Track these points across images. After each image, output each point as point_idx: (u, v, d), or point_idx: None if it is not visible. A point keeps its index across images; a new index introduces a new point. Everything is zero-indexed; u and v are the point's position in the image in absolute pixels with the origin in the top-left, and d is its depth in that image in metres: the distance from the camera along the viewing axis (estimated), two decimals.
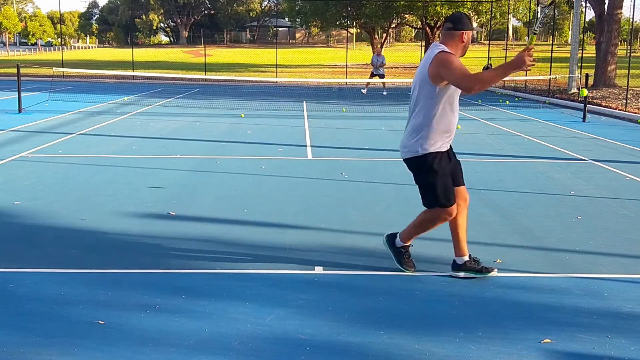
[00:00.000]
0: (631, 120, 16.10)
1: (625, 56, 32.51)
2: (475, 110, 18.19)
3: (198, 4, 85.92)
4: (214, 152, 10.01)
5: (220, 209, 6.42)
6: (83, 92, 22.81)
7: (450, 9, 37.12)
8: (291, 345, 3.49)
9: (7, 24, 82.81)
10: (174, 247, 5.16)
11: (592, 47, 31.55)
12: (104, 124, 13.45)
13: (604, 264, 4.92)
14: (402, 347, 3.48)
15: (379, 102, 20.48)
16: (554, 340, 3.59)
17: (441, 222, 4.49)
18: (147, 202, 6.61)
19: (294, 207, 6.51)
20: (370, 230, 5.72)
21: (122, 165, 8.68)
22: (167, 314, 3.86)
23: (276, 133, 12.40)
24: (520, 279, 4.54)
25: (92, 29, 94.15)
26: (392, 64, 45.55)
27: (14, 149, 9.86)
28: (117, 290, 4.22)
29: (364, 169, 8.69)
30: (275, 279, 4.47)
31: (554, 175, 8.44)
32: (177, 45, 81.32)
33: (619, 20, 23.55)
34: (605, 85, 23.20)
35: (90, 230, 5.61)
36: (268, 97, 22.31)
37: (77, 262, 4.76)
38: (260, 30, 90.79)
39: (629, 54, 26.17)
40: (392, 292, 4.27)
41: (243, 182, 7.72)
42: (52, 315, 3.81)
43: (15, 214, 6.14)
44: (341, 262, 4.83)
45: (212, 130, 12.72)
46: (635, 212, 6.54)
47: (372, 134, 12.37)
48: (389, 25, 44.89)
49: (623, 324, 3.82)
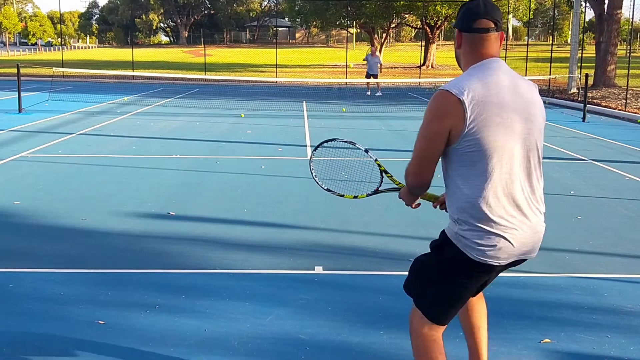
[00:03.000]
0: (631, 120, 16.10)
1: (625, 56, 32.51)
2: None
3: (198, 3, 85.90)
4: (213, 152, 10.01)
5: (220, 209, 6.42)
6: (83, 92, 22.81)
7: (450, 9, 37.14)
8: (291, 345, 3.49)
9: (7, 24, 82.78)
10: (174, 247, 5.16)
11: (592, 47, 31.54)
12: (104, 123, 13.45)
13: (604, 264, 4.92)
14: (402, 347, 3.48)
15: (379, 102, 20.48)
16: (554, 339, 3.59)
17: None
18: (147, 202, 6.61)
19: (294, 207, 6.51)
20: (370, 230, 5.72)
21: (122, 165, 8.68)
22: (167, 314, 3.86)
23: (276, 133, 12.40)
24: (520, 279, 4.54)
25: (92, 29, 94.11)
26: (392, 64, 45.56)
27: (14, 149, 9.86)
28: (117, 290, 4.22)
29: (364, 169, 8.67)
30: (275, 279, 4.47)
31: (553, 175, 8.44)
32: (177, 45, 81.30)
33: (619, 20, 23.55)
34: (605, 85, 23.21)
35: (90, 230, 5.61)
36: (268, 97, 22.31)
37: (77, 262, 4.77)
38: (260, 30, 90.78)
39: (629, 54, 26.16)
40: (392, 292, 4.27)
41: (243, 182, 7.72)
42: (52, 315, 3.82)
43: (15, 214, 6.14)
44: (341, 262, 4.83)
45: (212, 130, 12.72)
46: (635, 212, 6.55)
47: (372, 134, 12.37)
48: (389, 25, 44.86)
49: (623, 323, 3.83)
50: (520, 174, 2.46)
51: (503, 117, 2.40)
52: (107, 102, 18.90)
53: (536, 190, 2.52)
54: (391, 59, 50.86)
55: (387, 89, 27.60)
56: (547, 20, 64.25)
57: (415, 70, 38.82)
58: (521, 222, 2.45)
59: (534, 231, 2.49)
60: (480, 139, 2.38)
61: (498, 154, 2.40)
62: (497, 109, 2.39)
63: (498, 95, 2.40)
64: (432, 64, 41.80)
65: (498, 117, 2.39)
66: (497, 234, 2.43)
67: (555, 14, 55.66)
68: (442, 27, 43.08)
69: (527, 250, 2.51)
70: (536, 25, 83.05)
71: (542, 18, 79.58)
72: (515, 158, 2.44)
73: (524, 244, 2.47)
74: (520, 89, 2.47)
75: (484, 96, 2.38)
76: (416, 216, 6.26)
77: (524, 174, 2.47)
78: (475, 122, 2.37)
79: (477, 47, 2.50)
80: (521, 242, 2.46)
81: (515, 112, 2.42)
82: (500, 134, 2.39)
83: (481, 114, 2.37)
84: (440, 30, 46.36)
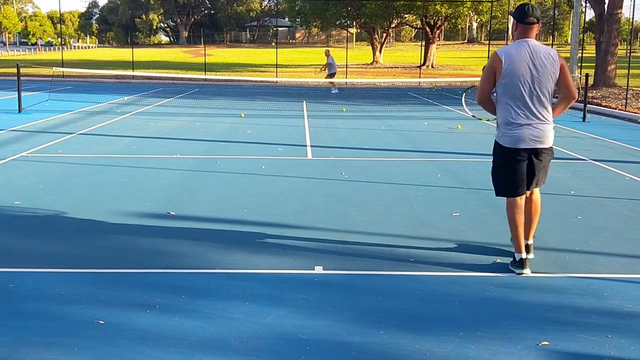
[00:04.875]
0: (631, 120, 16.10)
1: (625, 56, 32.53)
2: (475, 109, 18.19)
3: (198, 3, 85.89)
4: (213, 151, 10.01)
5: (220, 209, 6.42)
6: (83, 91, 22.81)
7: (450, 9, 37.15)
8: (291, 345, 3.49)
9: (7, 24, 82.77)
10: (174, 247, 5.16)
11: (592, 47, 31.56)
12: (104, 123, 13.45)
13: (604, 264, 4.92)
14: (401, 347, 3.48)
15: (379, 102, 20.48)
16: (554, 339, 3.59)
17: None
18: (147, 202, 6.61)
19: (294, 207, 6.51)
20: (370, 230, 5.72)
21: (122, 165, 8.68)
22: (167, 314, 3.86)
23: (276, 133, 12.40)
24: (521, 279, 4.54)
25: (92, 29, 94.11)
26: (392, 64, 45.57)
27: (14, 148, 9.86)
28: (117, 290, 4.22)
29: (364, 168, 8.69)
30: (275, 279, 4.47)
31: (553, 175, 8.43)
32: (177, 45, 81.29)
33: (619, 20, 23.55)
34: (605, 85, 23.21)
35: (90, 230, 5.61)
36: (268, 97, 22.31)
37: (77, 262, 4.77)
38: (260, 30, 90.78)
39: (629, 54, 26.17)
40: (392, 292, 4.27)
41: (243, 182, 7.72)
42: (52, 315, 3.82)
43: (15, 214, 6.14)
44: (341, 262, 4.83)
45: (212, 130, 12.72)
46: (635, 212, 6.55)
47: (372, 134, 12.36)
48: (389, 25, 44.87)
49: (623, 323, 3.82)
50: (530, 97, 4.57)
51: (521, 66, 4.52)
52: (107, 102, 18.91)
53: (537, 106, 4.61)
54: (391, 58, 50.85)
55: (387, 88, 27.62)
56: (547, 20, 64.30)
57: (416, 70, 38.82)
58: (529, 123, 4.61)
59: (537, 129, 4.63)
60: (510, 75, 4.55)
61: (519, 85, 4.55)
62: (518, 62, 4.52)
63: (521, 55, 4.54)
64: (432, 63, 41.79)
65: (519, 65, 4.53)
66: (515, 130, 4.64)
67: (556, 13, 55.65)
68: (442, 27, 43.11)
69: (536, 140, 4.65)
70: None
71: (542, 18, 79.57)
72: (525, 89, 4.54)
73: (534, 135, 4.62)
74: (538, 53, 4.53)
75: (513, 55, 4.55)
76: (416, 216, 6.26)
77: (531, 98, 4.57)
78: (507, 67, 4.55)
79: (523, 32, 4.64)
80: (531, 134, 4.61)
81: (528, 63, 4.52)
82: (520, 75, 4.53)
83: (511, 64, 4.53)
84: (441, 30, 46.37)
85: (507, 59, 4.52)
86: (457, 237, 5.54)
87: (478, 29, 76.86)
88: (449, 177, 8.19)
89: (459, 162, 9.28)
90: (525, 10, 4.54)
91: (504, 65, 4.52)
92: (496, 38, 55.02)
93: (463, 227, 5.88)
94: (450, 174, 8.40)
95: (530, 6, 4.56)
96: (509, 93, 4.58)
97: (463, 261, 4.90)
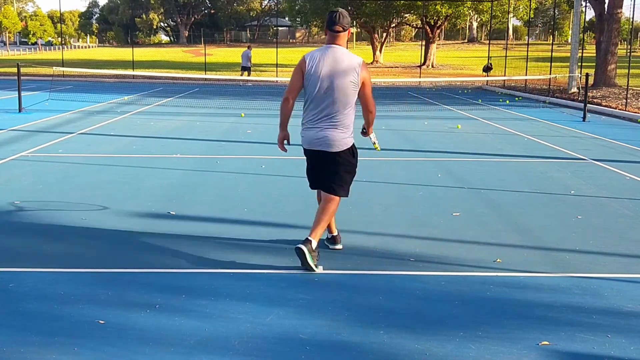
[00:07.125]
0: (631, 119, 16.10)
1: (625, 56, 32.53)
2: (475, 109, 18.20)
3: (198, 3, 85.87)
4: (214, 151, 10.01)
5: (220, 208, 6.42)
6: (83, 91, 22.82)
7: (450, 8, 37.15)
8: (291, 345, 3.49)
9: (7, 23, 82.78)
10: (174, 247, 5.16)
11: (592, 46, 31.55)
12: (104, 123, 13.45)
13: (604, 264, 4.92)
14: (401, 347, 3.48)
15: (379, 101, 20.46)
16: (554, 339, 3.59)
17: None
18: (147, 202, 6.61)
19: (294, 207, 6.51)
20: (370, 230, 5.73)
21: (122, 165, 8.68)
22: (167, 314, 3.86)
23: (276, 133, 12.36)
24: (520, 279, 4.54)
25: (92, 29, 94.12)
26: (392, 64, 45.57)
27: (14, 148, 9.87)
28: (117, 290, 4.22)
29: (364, 168, 8.67)
30: (275, 279, 4.48)
31: (554, 174, 8.44)
32: (177, 45, 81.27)
33: (619, 20, 23.56)
34: (605, 84, 23.21)
35: (90, 229, 5.61)
36: (268, 96, 22.31)
37: (77, 262, 4.77)
38: (260, 30, 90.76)
39: (629, 54, 26.16)
40: (392, 292, 4.27)
41: (243, 182, 7.72)
42: (52, 315, 3.82)
43: (15, 213, 6.15)
44: (341, 262, 4.84)
45: (212, 129, 12.72)
46: (635, 212, 6.55)
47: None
48: (389, 25, 44.88)
49: (623, 323, 3.82)
50: (322, 102, 4.75)
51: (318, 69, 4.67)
52: (107, 101, 18.91)
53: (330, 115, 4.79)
54: (391, 58, 50.84)
55: (387, 88, 27.62)
56: (547, 20, 64.27)
57: (416, 70, 38.82)
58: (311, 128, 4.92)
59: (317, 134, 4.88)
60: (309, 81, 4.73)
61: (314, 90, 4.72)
62: (318, 67, 4.68)
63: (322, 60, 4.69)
64: (433, 63, 41.81)
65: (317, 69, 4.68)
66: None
67: (556, 13, 55.65)
68: (442, 27, 43.10)
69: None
70: (536, 25, 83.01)
71: (542, 17, 79.57)
72: (320, 92, 4.70)
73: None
74: (337, 58, 4.66)
75: (317, 59, 4.71)
76: (416, 216, 6.26)
77: (324, 102, 4.74)
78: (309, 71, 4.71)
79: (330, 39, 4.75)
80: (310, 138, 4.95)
81: (329, 68, 4.66)
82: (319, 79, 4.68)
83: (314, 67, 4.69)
84: (441, 30, 46.37)
85: (311, 62, 4.68)
86: (457, 237, 5.54)
87: (478, 29, 76.84)
88: (449, 177, 8.19)
89: (459, 161, 9.28)
90: (332, 19, 4.66)
91: (307, 67, 4.69)
92: (496, 37, 54.98)
93: (463, 227, 5.88)
94: (450, 174, 8.40)
95: (338, 14, 4.67)
96: (308, 94, 4.77)
97: (463, 261, 4.90)
